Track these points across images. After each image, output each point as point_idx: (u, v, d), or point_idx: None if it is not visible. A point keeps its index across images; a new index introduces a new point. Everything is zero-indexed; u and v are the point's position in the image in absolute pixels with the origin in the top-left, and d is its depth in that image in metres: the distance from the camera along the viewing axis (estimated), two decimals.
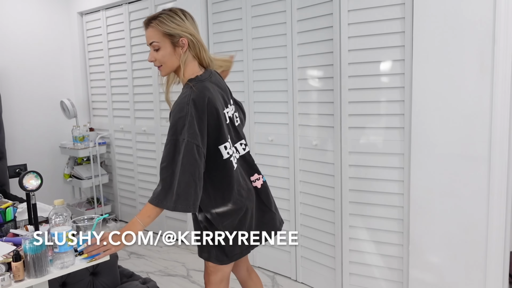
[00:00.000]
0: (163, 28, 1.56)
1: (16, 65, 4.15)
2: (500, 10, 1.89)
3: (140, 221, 1.52)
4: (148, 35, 1.59)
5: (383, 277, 2.42)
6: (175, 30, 1.57)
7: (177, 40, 1.58)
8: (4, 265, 1.36)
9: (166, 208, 1.51)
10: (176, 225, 3.72)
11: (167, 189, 1.50)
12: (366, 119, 2.40)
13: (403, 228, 2.33)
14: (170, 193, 1.50)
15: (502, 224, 1.98)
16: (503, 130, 1.94)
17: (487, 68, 1.94)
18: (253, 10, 2.86)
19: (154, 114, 3.79)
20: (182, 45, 1.59)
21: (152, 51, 1.60)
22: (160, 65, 1.62)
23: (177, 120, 1.53)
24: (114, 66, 4.14)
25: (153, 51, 1.60)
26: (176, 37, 1.57)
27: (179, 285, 2.92)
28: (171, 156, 1.51)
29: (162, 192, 1.51)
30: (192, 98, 1.55)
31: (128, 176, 4.18)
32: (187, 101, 1.54)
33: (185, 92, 1.59)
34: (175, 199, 1.49)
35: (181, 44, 1.59)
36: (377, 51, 2.32)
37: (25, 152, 4.18)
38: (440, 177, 2.13)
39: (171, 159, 1.51)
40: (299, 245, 2.82)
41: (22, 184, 1.59)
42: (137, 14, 3.80)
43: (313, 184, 2.70)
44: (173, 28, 1.56)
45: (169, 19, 1.57)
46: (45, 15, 4.34)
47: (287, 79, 2.71)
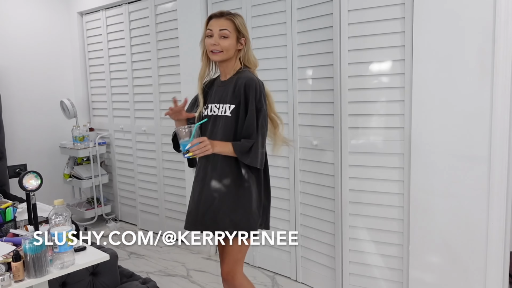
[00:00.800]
0: (239, 25, 1.86)
1: (16, 65, 4.15)
2: (500, 10, 1.88)
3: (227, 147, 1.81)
4: (222, 23, 1.84)
5: (383, 277, 2.42)
6: (243, 30, 1.88)
7: (241, 38, 1.88)
8: (4, 265, 1.36)
9: (252, 165, 1.82)
10: (176, 225, 3.72)
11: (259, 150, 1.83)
12: (366, 119, 2.40)
13: (403, 228, 2.33)
14: (257, 157, 1.82)
15: (502, 224, 1.98)
16: (503, 130, 1.94)
17: (487, 68, 1.94)
18: (253, 10, 2.86)
19: (154, 114, 3.79)
20: (242, 42, 1.89)
21: (219, 37, 1.84)
22: (220, 50, 1.84)
23: (260, 91, 1.84)
24: (114, 66, 4.14)
25: (220, 37, 1.84)
26: (241, 35, 1.87)
27: (179, 285, 2.92)
28: (262, 123, 1.84)
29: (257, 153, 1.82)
30: (257, 77, 1.89)
31: (128, 176, 4.18)
32: (257, 78, 1.87)
33: (247, 74, 1.88)
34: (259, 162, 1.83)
35: (242, 42, 1.88)
36: (377, 51, 2.32)
37: (25, 152, 4.18)
38: (440, 177, 2.13)
39: (263, 124, 1.85)
40: (299, 245, 2.82)
41: (22, 184, 1.59)
42: (137, 14, 3.80)
43: (313, 184, 2.70)
44: (243, 28, 1.88)
45: (241, 19, 1.89)
46: (45, 15, 4.35)
47: (287, 79, 2.71)
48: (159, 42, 3.64)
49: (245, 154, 1.81)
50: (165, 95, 3.67)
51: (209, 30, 1.85)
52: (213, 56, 1.86)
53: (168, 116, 1.91)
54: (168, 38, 3.55)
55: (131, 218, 4.23)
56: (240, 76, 1.87)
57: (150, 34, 3.70)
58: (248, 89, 1.82)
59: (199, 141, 1.72)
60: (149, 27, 3.69)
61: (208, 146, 1.73)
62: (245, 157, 1.81)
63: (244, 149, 1.81)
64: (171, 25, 3.51)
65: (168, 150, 3.71)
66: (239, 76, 1.87)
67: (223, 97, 1.89)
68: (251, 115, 1.82)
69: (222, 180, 1.86)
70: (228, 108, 1.86)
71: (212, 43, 1.84)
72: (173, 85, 3.56)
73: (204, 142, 1.73)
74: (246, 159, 1.81)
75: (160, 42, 3.64)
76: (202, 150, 1.72)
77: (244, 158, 1.81)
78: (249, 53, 1.92)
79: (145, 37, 3.76)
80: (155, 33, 3.65)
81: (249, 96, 1.82)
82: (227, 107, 1.86)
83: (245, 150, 1.81)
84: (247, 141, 1.81)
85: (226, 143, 1.82)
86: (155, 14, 3.63)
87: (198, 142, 1.72)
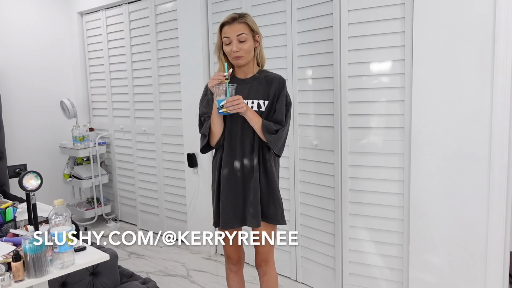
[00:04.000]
0: (251, 24, 1.90)
1: (16, 65, 4.15)
2: (500, 10, 1.89)
3: (257, 118, 1.90)
4: (238, 28, 1.88)
5: (383, 277, 2.42)
6: (256, 28, 1.93)
7: (256, 36, 1.93)
8: (4, 265, 1.36)
9: (272, 148, 1.91)
10: (176, 225, 3.72)
11: (284, 138, 1.94)
12: (366, 119, 2.40)
13: (403, 228, 2.33)
14: (280, 142, 1.92)
15: (502, 224, 1.98)
16: (503, 130, 1.94)
17: (487, 68, 1.94)
18: (253, 10, 2.86)
19: (154, 114, 3.79)
20: (258, 39, 1.94)
21: (238, 42, 1.88)
22: (242, 55, 1.90)
23: (285, 88, 1.98)
24: (114, 66, 4.14)
25: (239, 42, 1.88)
26: (255, 34, 1.92)
27: (179, 285, 2.92)
28: (289, 116, 1.98)
29: (281, 139, 1.93)
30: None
31: (128, 176, 4.18)
32: (283, 78, 1.99)
33: (272, 72, 2.01)
34: (280, 147, 1.93)
35: (257, 39, 1.94)
36: (377, 51, 2.32)
37: (25, 152, 4.18)
38: (440, 177, 2.13)
39: (289, 117, 1.98)
40: (299, 245, 2.82)
41: (22, 184, 1.59)
42: (137, 14, 3.80)
43: (313, 184, 2.70)
44: (255, 25, 1.92)
45: (251, 18, 1.93)
46: (45, 15, 4.34)
47: (287, 79, 2.71)
48: (159, 42, 3.64)
49: (269, 134, 1.89)
50: (165, 95, 3.67)
51: (226, 38, 1.89)
52: (238, 62, 1.91)
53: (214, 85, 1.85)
54: (168, 38, 3.55)
55: (131, 218, 4.23)
56: (269, 75, 1.98)
57: (150, 34, 3.70)
58: (282, 85, 1.96)
59: (234, 99, 1.81)
60: (149, 27, 3.70)
61: (242, 104, 1.82)
62: (269, 136, 1.89)
63: (270, 129, 1.90)
64: (171, 25, 3.51)
65: (168, 150, 3.72)
66: (267, 75, 1.98)
67: (253, 93, 1.95)
68: (281, 105, 1.94)
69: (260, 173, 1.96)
70: (262, 103, 1.95)
71: (234, 50, 1.88)
72: (173, 85, 3.56)
73: (239, 99, 1.82)
74: (268, 138, 1.89)
75: (160, 42, 3.64)
76: (236, 107, 1.81)
77: (267, 137, 1.89)
78: (262, 50, 2.00)
79: (145, 37, 3.76)
80: (155, 33, 3.65)
81: (281, 90, 1.95)
82: (261, 103, 1.95)
83: (271, 130, 1.90)
84: (275, 125, 1.92)
85: (258, 116, 1.91)
86: (155, 14, 3.63)
87: (234, 100, 1.81)
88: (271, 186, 1.97)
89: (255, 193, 1.93)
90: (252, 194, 1.93)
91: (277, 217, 1.99)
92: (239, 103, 1.81)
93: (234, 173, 1.95)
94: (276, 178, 2.01)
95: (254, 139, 1.94)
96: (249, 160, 1.94)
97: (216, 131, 1.94)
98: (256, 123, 1.89)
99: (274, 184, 1.97)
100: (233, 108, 1.81)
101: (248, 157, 1.94)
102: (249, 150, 1.94)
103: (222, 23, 1.92)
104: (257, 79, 1.96)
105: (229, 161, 1.96)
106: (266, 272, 2.06)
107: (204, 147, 2.01)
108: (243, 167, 1.95)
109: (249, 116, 1.88)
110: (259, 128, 1.89)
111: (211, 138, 1.97)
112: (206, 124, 1.98)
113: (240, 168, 1.95)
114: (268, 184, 1.96)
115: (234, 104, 1.80)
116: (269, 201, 1.97)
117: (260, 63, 2.01)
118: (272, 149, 1.91)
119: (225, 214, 1.96)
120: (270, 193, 1.97)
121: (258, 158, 1.94)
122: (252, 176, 1.93)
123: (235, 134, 1.95)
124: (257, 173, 1.93)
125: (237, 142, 1.95)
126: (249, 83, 1.96)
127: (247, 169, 1.94)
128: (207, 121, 1.99)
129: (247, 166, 1.94)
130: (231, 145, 1.96)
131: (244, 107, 1.83)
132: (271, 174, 1.96)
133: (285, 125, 1.94)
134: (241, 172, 1.95)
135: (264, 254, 2.04)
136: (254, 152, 1.94)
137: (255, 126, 1.90)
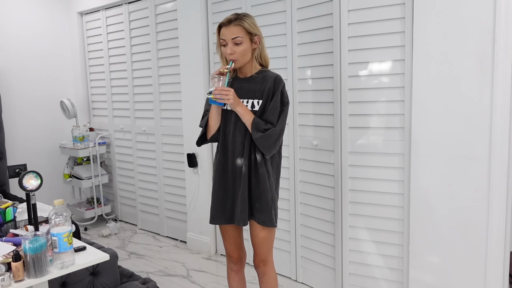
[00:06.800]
0: (248, 27, 1.87)
1: (16, 65, 4.15)
2: (500, 10, 1.89)
3: (249, 115, 1.89)
4: (233, 31, 1.86)
5: (383, 277, 2.43)
6: (254, 30, 1.90)
7: (254, 38, 1.91)
8: (4, 265, 1.36)
9: (259, 146, 1.87)
10: (176, 225, 3.72)
11: (274, 138, 1.88)
12: (366, 119, 2.40)
13: (403, 228, 2.33)
14: (268, 141, 1.86)
15: (502, 224, 1.98)
16: (503, 130, 1.94)
17: (487, 68, 1.94)
18: (253, 10, 2.86)
19: (154, 114, 3.79)
20: (256, 41, 1.92)
21: (233, 45, 1.87)
22: (236, 58, 1.89)
23: (284, 88, 1.94)
24: (114, 66, 4.14)
25: (234, 45, 1.87)
26: (253, 36, 1.90)
27: (179, 285, 2.92)
28: (283, 117, 1.92)
29: (270, 139, 1.87)
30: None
31: (128, 176, 4.18)
32: (280, 77, 1.94)
33: (272, 72, 1.97)
34: (268, 147, 1.88)
35: (255, 41, 1.92)
36: (377, 51, 2.32)
37: (25, 152, 4.18)
38: (440, 177, 2.13)
39: (284, 118, 1.93)
40: (299, 245, 2.82)
41: (22, 184, 1.59)
42: (137, 14, 3.80)
43: (313, 184, 2.70)
44: (253, 27, 1.90)
45: (250, 20, 1.89)
46: (45, 15, 4.35)
47: (287, 79, 2.71)
48: (159, 42, 3.64)
49: (258, 132, 1.87)
50: (165, 95, 3.67)
51: (222, 39, 1.90)
52: (234, 64, 1.92)
53: (213, 74, 1.92)
54: (168, 38, 3.55)
55: (131, 218, 4.23)
56: (267, 75, 1.95)
57: (150, 34, 3.70)
58: (277, 84, 1.92)
59: (223, 89, 1.82)
60: (149, 27, 3.70)
61: (230, 96, 1.82)
62: (256, 134, 1.87)
63: (260, 127, 1.87)
64: (171, 25, 3.51)
65: (168, 150, 3.72)
66: (265, 75, 1.95)
67: (248, 93, 1.95)
68: (274, 105, 1.90)
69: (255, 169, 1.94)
70: (256, 103, 1.93)
71: (228, 52, 1.88)
72: (173, 85, 3.56)
73: (229, 91, 1.83)
74: (255, 135, 1.87)
75: (160, 42, 3.64)
76: (223, 96, 1.82)
77: (254, 134, 1.88)
78: (264, 51, 1.99)
79: (145, 37, 3.76)
80: (155, 33, 3.65)
81: (277, 89, 1.91)
82: (255, 102, 1.94)
83: (260, 129, 1.87)
84: (266, 124, 1.89)
85: (251, 113, 1.90)
86: (155, 14, 3.63)
87: (222, 89, 1.82)
88: (261, 187, 1.92)
89: (243, 192, 1.92)
90: (240, 193, 1.93)
91: (264, 218, 1.94)
92: (227, 94, 1.82)
93: (225, 170, 1.98)
94: (273, 179, 1.97)
95: (246, 138, 1.93)
96: (240, 158, 1.94)
97: (212, 124, 1.98)
98: (247, 120, 1.89)
99: (264, 184, 1.92)
100: (220, 97, 1.82)
101: (239, 155, 1.94)
102: (240, 149, 1.94)
103: (219, 24, 1.92)
104: (254, 79, 1.96)
105: (221, 159, 1.99)
106: (264, 273, 2.07)
107: (200, 139, 2.06)
108: (234, 166, 1.95)
109: (239, 111, 1.88)
110: (249, 125, 1.89)
111: (207, 131, 2.02)
112: (205, 118, 2.03)
113: (230, 166, 1.96)
114: (258, 184, 1.93)
115: (222, 94, 1.82)
116: (258, 202, 1.94)
117: (264, 63, 2.01)
118: (259, 147, 1.88)
119: (213, 209, 2.02)
120: (259, 194, 1.93)
121: (249, 158, 1.93)
122: (241, 175, 1.93)
123: (229, 132, 1.97)
124: (247, 172, 1.93)
125: (229, 140, 1.97)
126: (246, 83, 1.97)
127: (237, 168, 1.94)
128: (206, 115, 2.02)
129: (238, 165, 1.94)
130: (224, 143, 1.99)
131: (232, 100, 1.83)
132: (262, 175, 1.91)
133: (277, 126, 1.89)
134: (231, 170, 1.96)
135: (262, 255, 2.04)
136: (245, 151, 1.93)
137: (246, 122, 1.89)
